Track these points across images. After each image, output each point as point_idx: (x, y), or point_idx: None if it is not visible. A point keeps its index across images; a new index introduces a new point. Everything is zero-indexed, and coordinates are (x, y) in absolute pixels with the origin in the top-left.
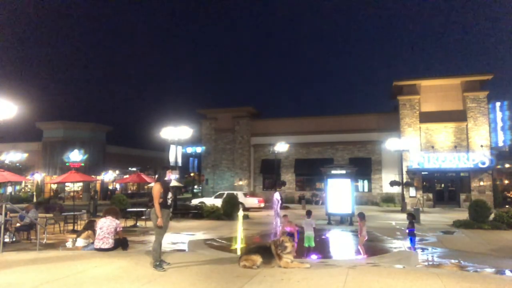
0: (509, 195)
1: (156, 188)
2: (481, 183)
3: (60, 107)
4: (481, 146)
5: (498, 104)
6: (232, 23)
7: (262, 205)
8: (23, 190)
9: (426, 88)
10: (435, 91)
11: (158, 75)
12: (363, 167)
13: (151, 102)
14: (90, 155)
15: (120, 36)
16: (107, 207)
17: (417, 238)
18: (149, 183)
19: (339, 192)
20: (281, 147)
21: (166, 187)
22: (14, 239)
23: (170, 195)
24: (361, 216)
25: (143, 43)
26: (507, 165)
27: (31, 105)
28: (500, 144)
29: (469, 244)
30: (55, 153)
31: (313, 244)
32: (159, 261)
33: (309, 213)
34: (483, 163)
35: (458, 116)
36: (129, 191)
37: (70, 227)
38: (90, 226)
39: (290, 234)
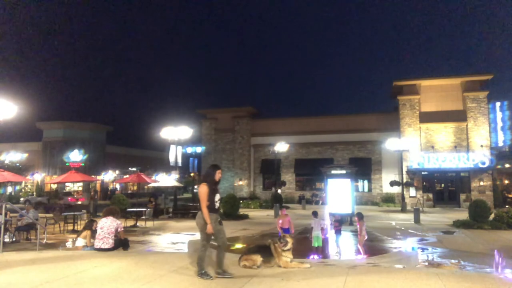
0: (509, 195)
1: (203, 190)
2: (481, 183)
3: (60, 107)
4: (481, 146)
5: (498, 104)
6: (232, 23)
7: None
8: (23, 190)
9: (426, 88)
10: (435, 91)
11: (158, 75)
12: (363, 167)
13: (151, 102)
14: (90, 155)
15: (120, 36)
16: (107, 207)
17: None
18: (149, 183)
19: (339, 192)
20: (281, 147)
21: (213, 188)
22: (14, 239)
23: (218, 197)
24: (360, 216)
25: (143, 43)
26: (507, 165)
27: (31, 105)
28: (500, 144)
29: (469, 244)
30: (55, 153)
31: (321, 244)
32: (204, 269)
33: (315, 213)
34: (483, 163)
35: (458, 116)
36: (129, 191)
37: (70, 227)
38: (90, 226)
39: (286, 231)
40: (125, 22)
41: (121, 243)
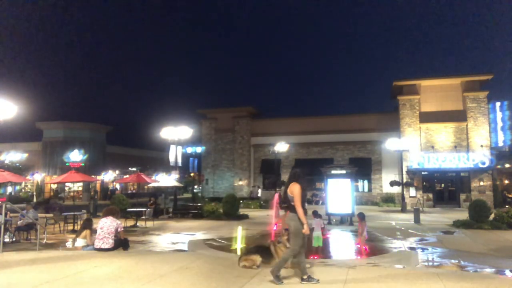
0: (509, 195)
1: (297, 190)
2: (481, 183)
3: (60, 107)
4: (481, 146)
5: (498, 104)
6: (232, 22)
7: None
8: (23, 190)
9: (426, 88)
10: (435, 91)
11: (158, 75)
12: (363, 167)
13: (151, 102)
14: (90, 155)
15: (120, 36)
16: (107, 207)
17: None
18: (149, 183)
19: (339, 192)
20: (281, 147)
21: (304, 188)
22: (14, 239)
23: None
24: (361, 216)
25: (143, 43)
26: (507, 165)
27: (31, 105)
28: (500, 144)
29: (469, 244)
30: (55, 153)
31: (321, 244)
32: (279, 273)
33: (316, 213)
34: (483, 163)
35: (458, 116)
36: (129, 191)
37: (70, 227)
38: (88, 225)
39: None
40: (125, 22)
41: (121, 243)
